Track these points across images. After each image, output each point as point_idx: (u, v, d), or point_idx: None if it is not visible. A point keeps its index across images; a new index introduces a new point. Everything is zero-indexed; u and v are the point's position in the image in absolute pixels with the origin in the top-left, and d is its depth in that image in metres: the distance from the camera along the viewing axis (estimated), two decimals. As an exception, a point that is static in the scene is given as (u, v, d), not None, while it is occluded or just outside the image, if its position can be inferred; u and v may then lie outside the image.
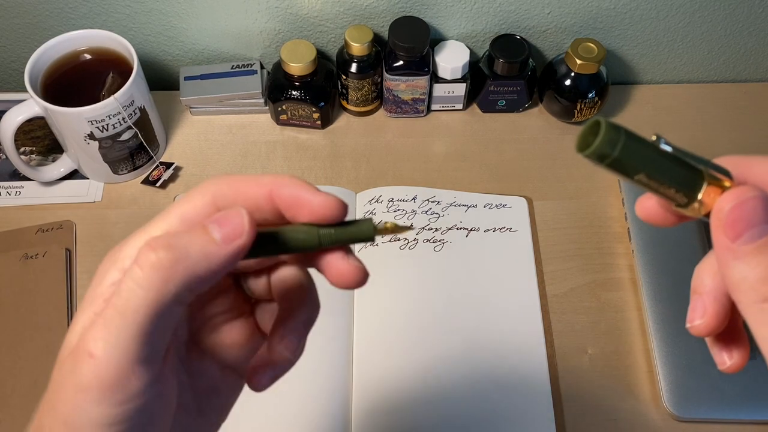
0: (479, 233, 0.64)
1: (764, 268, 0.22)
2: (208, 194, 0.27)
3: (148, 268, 0.24)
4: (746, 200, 0.23)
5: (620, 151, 0.24)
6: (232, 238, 0.25)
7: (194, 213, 0.27)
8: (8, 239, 0.64)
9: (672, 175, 0.24)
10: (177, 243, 0.25)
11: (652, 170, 0.24)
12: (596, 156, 0.24)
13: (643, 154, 0.24)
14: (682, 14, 0.71)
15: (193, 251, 0.25)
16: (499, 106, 0.73)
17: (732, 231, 0.23)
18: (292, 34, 0.72)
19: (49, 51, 0.63)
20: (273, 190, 0.27)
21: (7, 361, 0.57)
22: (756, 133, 0.73)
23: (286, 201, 0.27)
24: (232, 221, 0.25)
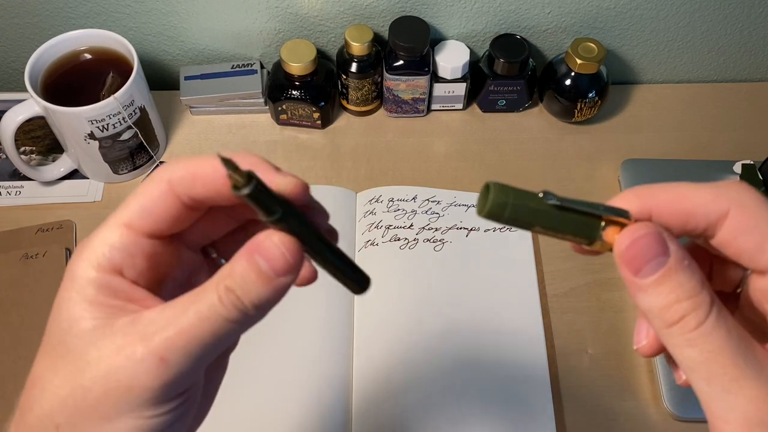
0: (479, 233, 0.64)
1: (665, 296, 0.24)
2: (164, 182, 0.27)
3: (226, 304, 0.25)
4: (640, 237, 0.25)
5: (510, 211, 0.26)
6: (282, 273, 0.26)
7: (152, 204, 0.27)
8: (8, 239, 0.64)
9: (566, 224, 0.26)
10: (243, 287, 0.25)
11: (546, 222, 0.26)
12: (490, 216, 0.26)
13: (534, 209, 0.26)
14: (682, 14, 0.71)
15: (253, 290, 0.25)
16: (499, 106, 0.73)
17: (632, 267, 0.25)
18: (292, 34, 0.72)
19: (49, 51, 0.63)
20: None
21: (7, 361, 0.57)
22: (756, 133, 0.73)
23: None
24: (272, 254, 0.26)
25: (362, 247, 0.63)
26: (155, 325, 0.25)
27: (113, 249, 0.27)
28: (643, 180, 0.66)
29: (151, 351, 0.25)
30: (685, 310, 0.24)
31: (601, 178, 0.69)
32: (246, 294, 0.25)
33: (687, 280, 0.24)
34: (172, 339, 0.25)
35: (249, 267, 0.25)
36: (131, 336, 0.25)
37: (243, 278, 0.25)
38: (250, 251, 0.25)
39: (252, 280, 0.25)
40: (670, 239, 0.25)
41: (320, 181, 0.68)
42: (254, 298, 0.25)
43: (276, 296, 0.26)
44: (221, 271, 0.26)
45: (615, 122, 0.74)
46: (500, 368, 0.57)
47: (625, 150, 0.71)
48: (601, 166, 0.70)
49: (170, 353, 0.25)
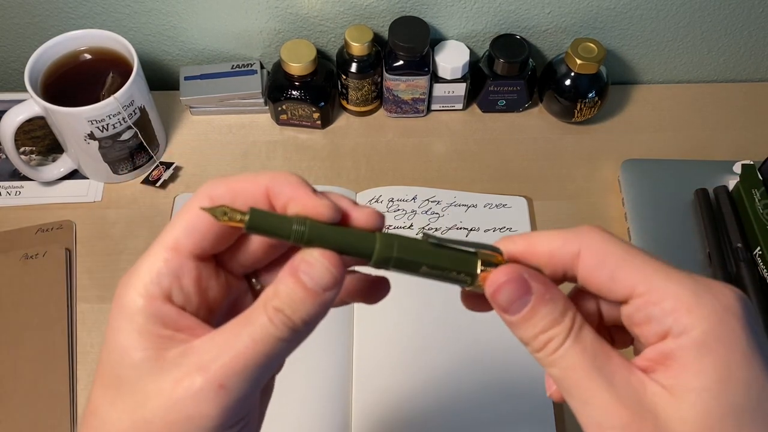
0: (479, 233, 0.64)
1: (532, 329, 0.28)
2: (206, 199, 0.28)
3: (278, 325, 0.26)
4: (505, 282, 0.28)
5: (394, 263, 0.28)
6: (325, 288, 0.26)
7: (197, 220, 0.28)
8: (8, 239, 0.64)
9: (448, 261, 0.28)
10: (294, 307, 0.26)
11: (430, 262, 0.28)
12: (379, 263, 0.28)
13: (417, 253, 0.28)
14: (682, 14, 0.71)
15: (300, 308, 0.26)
16: (499, 106, 0.73)
17: (500, 307, 0.28)
18: (292, 34, 0.72)
19: (49, 51, 0.63)
20: (270, 188, 0.28)
21: (7, 361, 0.57)
22: (756, 133, 0.73)
23: (283, 201, 0.28)
24: (317, 270, 0.26)
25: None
26: (209, 353, 0.25)
27: (161, 274, 0.27)
28: (643, 180, 0.67)
29: (209, 380, 0.25)
30: (549, 337, 0.27)
31: (601, 178, 0.69)
32: (295, 312, 0.26)
33: (549, 312, 0.27)
34: (229, 365, 0.25)
35: (295, 285, 0.26)
36: (187, 367, 0.25)
37: (290, 297, 0.26)
38: (293, 270, 0.26)
39: (299, 297, 0.26)
40: (532, 278, 0.28)
41: (320, 182, 0.68)
42: (304, 315, 0.26)
43: (324, 310, 0.27)
44: (266, 292, 0.26)
45: (615, 122, 0.74)
46: (500, 368, 0.57)
47: (625, 150, 0.71)
48: (601, 166, 0.70)
49: (228, 380, 0.25)
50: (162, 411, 0.25)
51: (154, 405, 0.25)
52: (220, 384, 0.25)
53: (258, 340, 0.25)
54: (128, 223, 0.66)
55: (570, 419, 0.55)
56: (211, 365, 0.25)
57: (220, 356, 0.25)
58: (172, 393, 0.25)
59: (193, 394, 0.25)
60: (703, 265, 0.61)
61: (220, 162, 0.70)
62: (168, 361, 0.26)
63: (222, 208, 0.26)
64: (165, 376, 0.26)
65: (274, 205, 0.28)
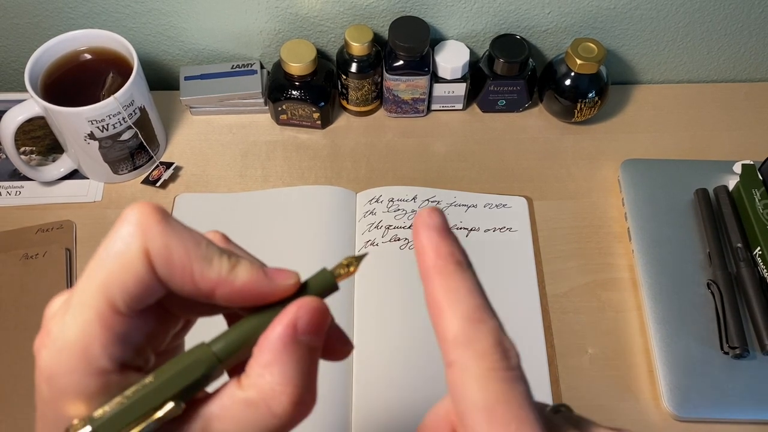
0: (479, 233, 0.64)
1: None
2: (140, 250, 0.23)
3: None
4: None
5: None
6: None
7: (130, 274, 0.23)
8: (8, 239, 0.64)
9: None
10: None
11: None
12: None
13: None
14: (682, 14, 0.71)
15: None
16: (499, 106, 0.73)
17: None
18: (292, 34, 0.72)
19: (49, 51, 0.63)
20: (219, 289, 0.24)
21: (7, 361, 0.57)
22: (756, 133, 0.73)
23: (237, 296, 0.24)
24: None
25: (362, 247, 0.63)
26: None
27: (106, 344, 0.23)
28: (643, 180, 0.67)
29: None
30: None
31: (601, 178, 0.69)
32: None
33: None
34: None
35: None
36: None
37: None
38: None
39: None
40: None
41: (320, 181, 0.68)
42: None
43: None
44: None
45: (615, 122, 0.74)
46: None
47: (625, 150, 0.71)
48: (601, 166, 0.70)
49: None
50: None
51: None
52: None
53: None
54: (128, 223, 0.66)
55: (570, 419, 0.55)
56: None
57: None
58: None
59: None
60: (703, 265, 0.61)
61: (219, 162, 0.70)
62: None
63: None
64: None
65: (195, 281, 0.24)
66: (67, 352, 0.22)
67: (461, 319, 0.24)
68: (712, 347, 0.57)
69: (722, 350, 0.57)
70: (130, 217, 0.23)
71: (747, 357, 0.56)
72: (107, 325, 0.23)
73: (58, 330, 0.22)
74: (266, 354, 0.23)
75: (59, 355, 0.22)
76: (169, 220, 0.23)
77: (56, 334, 0.22)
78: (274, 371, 0.23)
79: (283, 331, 0.23)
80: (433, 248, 0.25)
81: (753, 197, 0.62)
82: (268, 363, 0.23)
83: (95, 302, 0.23)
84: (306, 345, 0.24)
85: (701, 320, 0.58)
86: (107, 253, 0.23)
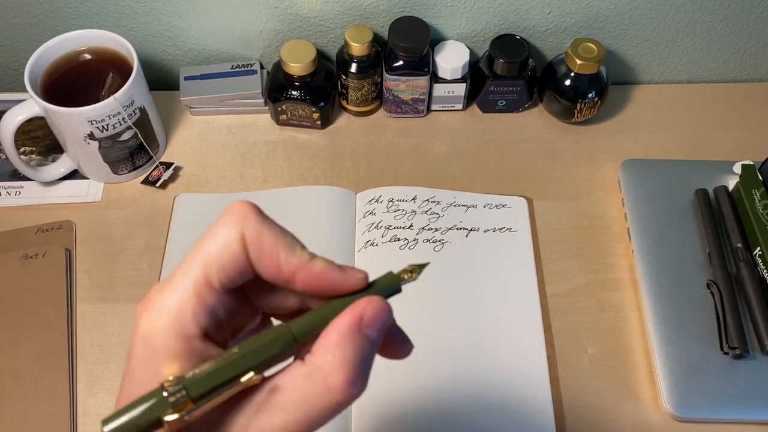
0: (479, 233, 0.64)
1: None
2: (237, 233, 0.27)
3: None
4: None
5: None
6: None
7: (229, 254, 0.27)
8: (8, 239, 0.64)
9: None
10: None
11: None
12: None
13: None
14: (682, 14, 0.71)
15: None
16: (499, 106, 0.73)
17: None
18: (292, 34, 0.72)
19: (49, 51, 0.63)
20: (299, 274, 0.27)
21: (7, 361, 0.57)
22: (756, 133, 0.73)
23: (315, 288, 0.28)
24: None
25: (362, 248, 0.63)
26: (265, 423, 0.25)
27: (197, 312, 0.26)
28: (643, 180, 0.66)
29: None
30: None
31: (601, 178, 0.69)
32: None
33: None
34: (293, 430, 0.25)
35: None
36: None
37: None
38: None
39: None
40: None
41: (320, 182, 0.68)
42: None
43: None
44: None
45: (615, 122, 0.74)
46: (500, 368, 0.57)
47: (625, 150, 0.71)
48: (601, 166, 0.70)
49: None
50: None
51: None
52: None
53: (319, 411, 0.25)
54: (128, 224, 0.66)
55: (570, 418, 0.55)
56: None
57: (277, 427, 0.25)
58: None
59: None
60: (703, 265, 0.61)
61: (219, 162, 0.70)
62: (216, 424, 0.25)
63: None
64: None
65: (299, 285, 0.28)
66: (164, 315, 0.26)
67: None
68: (712, 347, 0.57)
69: (722, 350, 0.57)
70: (233, 208, 0.27)
71: (747, 357, 0.56)
72: (200, 296, 0.26)
73: (158, 297, 0.26)
74: (333, 336, 0.26)
75: (157, 318, 0.26)
76: (263, 215, 0.28)
77: (156, 300, 0.26)
78: (336, 352, 0.25)
79: (350, 320, 0.26)
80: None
81: (753, 197, 0.62)
82: (333, 344, 0.26)
83: (194, 275, 0.26)
84: (367, 337, 0.26)
85: (701, 320, 0.58)
86: (211, 236, 0.27)
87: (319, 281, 0.27)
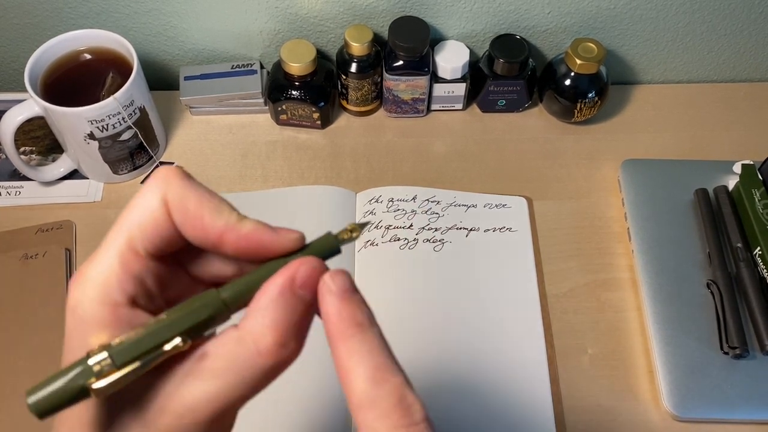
0: (479, 233, 0.64)
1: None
2: (157, 196, 0.27)
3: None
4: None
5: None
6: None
7: (151, 219, 0.26)
8: (8, 239, 0.64)
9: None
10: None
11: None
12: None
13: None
14: (682, 14, 0.71)
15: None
16: (499, 106, 0.73)
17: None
18: (292, 34, 0.72)
19: (49, 51, 0.63)
20: (226, 236, 0.27)
21: (7, 361, 0.57)
22: (756, 133, 0.73)
23: (246, 247, 0.27)
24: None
25: (362, 248, 0.63)
26: (196, 391, 0.25)
27: (121, 279, 0.26)
28: (643, 180, 0.66)
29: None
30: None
31: (601, 178, 0.69)
32: (251, 376, 0.26)
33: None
34: (224, 398, 0.25)
35: (258, 357, 0.25)
36: (174, 403, 0.25)
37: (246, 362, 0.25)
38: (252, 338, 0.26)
39: (260, 365, 0.26)
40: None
41: (320, 181, 0.68)
42: (263, 377, 0.26)
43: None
44: (214, 356, 0.25)
45: (615, 122, 0.74)
46: (500, 368, 0.57)
47: (625, 150, 0.71)
48: (601, 166, 0.70)
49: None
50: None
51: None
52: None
53: (250, 375, 0.25)
54: (128, 223, 0.66)
55: (570, 418, 0.55)
56: (200, 406, 0.25)
57: (207, 395, 0.25)
58: (164, 428, 0.25)
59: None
60: (703, 265, 0.61)
61: (219, 162, 0.70)
62: (148, 393, 0.25)
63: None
64: (150, 411, 0.25)
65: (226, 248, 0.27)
66: (90, 284, 0.26)
67: (364, 380, 0.25)
68: (712, 347, 0.57)
69: (722, 350, 0.57)
70: (156, 174, 0.27)
71: (747, 357, 0.56)
72: (124, 263, 0.26)
73: (86, 268, 0.26)
74: (263, 299, 0.26)
75: (83, 288, 0.26)
76: (188, 178, 0.27)
77: (83, 271, 0.26)
78: (266, 314, 0.25)
79: (282, 281, 0.26)
80: (334, 313, 0.26)
81: (753, 197, 0.62)
82: (263, 307, 0.25)
83: (117, 243, 0.26)
84: (300, 298, 0.26)
85: (701, 320, 0.58)
86: (133, 203, 0.27)
87: (249, 243, 0.26)
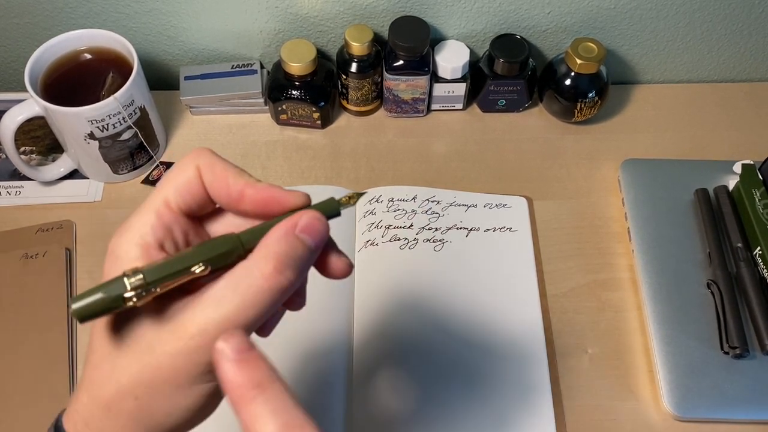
0: (479, 233, 0.64)
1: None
2: (192, 167, 0.32)
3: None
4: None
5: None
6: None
7: (186, 183, 0.32)
8: (8, 239, 0.64)
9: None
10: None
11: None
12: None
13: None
14: (682, 14, 0.71)
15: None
16: (499, 106, 0.73)
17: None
18: (292, 34, 0.72)
19: (49, 51, 0.63)
20: (246, 191, 0.32)
21: (7, 361, 0.57)
22: (756, 133, 0.73)
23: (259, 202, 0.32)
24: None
25: (362, 247, 0.63)
26: (207, 313, 0.29)
27: (154, 226, 0.31)
28: (643, 180, 0.66)
29: (206, 340, 0.28)
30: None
31: (601, 178, 0.69)
32: (296, 267, 0.30)
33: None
34: (224, 325, 0.28)
35: (296, 243, 0.30)
36: (186, 325, 0.29)
37: (289, 254, 0.30)
38: (289, 230, 0.31)
39: (299, 255, 0.30)
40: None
41: (320, 181, 0.68)
42: (301, 269, 0.31)
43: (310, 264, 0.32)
44: (258, 252, 0.30)
45: (615, 122, 0.74)
46: (500, 368, 0.57)
47: (625, 150, 0.71)
48: (601, 166, 0.70)
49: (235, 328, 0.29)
50: (170, 356, 0.29)
51: (161, 350, 0.29)
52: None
53: (252, 297, 0.28)
54: (128, 223, 0.66)
55: (570, 418, 0.55)
56: (209, 327, 0.28)
57: (216, 317, 0.28)
58: (176, 343, 0.29)
59: (195, 349, 0.28)
60: (703, 265, 0.61)
61: (220, 162, 0.70)
62: (168, 314, 0.29)
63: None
64: (166, 327, 0.29)
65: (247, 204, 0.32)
66: (128, 231, 0.31)
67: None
68: (712, 347, 0.57)
69: (722, 350, 0.57)
70: (191, 152, 0.33)
71: (747, 357, 0.56)
72: (158, 214, 0.31)
73: (125, 223, 0.31)
74: (270, 237, 0.30)
75: (121, 235, 0.31)
76: (216, 154, 0.33)
77: (123, 225, 0.31)
78: (270, 248, 0.30)
79: (286, 224, 0.31)
80: (231, 380, 0.27)
81: (753, 197, 0.62)
82: (268, 243, 0.30)
83: (154, 199, 0.32)
84: (301, 240, 0.30)
85: (701, 320, 0.58)
86: (172, 172, 0.32)
87: (265, 196, 0.32)
